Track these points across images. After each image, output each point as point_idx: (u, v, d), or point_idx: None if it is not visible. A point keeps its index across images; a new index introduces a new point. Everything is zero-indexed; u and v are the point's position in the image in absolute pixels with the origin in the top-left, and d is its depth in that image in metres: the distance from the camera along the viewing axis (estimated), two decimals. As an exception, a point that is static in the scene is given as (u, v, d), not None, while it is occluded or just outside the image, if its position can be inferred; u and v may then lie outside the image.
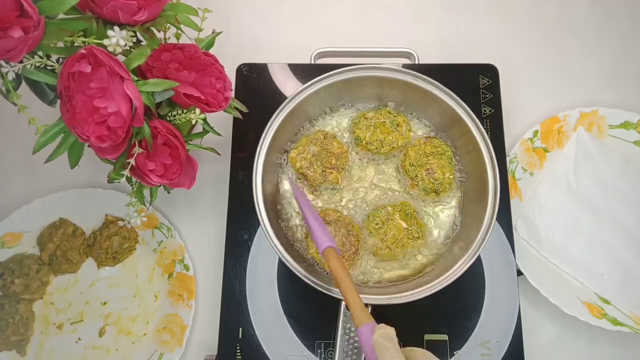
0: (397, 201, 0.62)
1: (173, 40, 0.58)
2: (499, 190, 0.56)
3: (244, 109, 0.62)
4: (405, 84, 0.61)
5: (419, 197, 0.63)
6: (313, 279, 0.54)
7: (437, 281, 0.53)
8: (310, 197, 0.63)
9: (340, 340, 0.53)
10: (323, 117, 0.67)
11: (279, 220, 0.62)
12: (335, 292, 0.53)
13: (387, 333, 0.41)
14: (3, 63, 0.44)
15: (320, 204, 0.63)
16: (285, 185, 0.64)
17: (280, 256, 0.54)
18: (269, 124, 0.59)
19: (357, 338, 0.53)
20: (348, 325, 0.53)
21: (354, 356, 0.52)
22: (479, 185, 0.59)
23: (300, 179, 0.63)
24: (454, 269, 0.54)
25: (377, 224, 0.60)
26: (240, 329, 0.61)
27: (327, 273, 0.59)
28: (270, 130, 0.59)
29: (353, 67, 0.61)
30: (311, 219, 0.53)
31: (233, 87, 0.65)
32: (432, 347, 0.60)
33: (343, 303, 0.53)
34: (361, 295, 0.53)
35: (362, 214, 0.63)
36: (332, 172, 0.61)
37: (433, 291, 0.53)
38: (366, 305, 0.53)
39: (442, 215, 0.63)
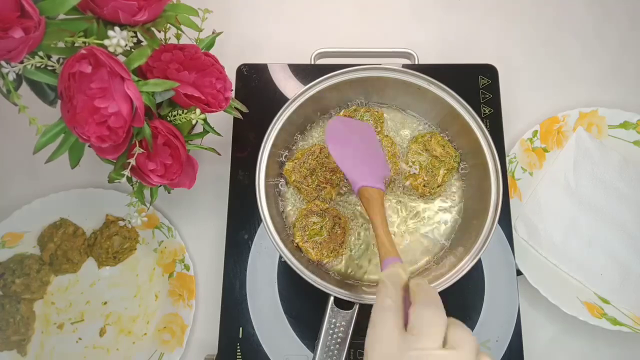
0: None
1: (173, 40, 0.58)
2: (501, 192, 0.56)
3: (244, 109, 0.62)
4: (405, 84, 0.61)
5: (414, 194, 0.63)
6: (314, 277, 0.54)
7: (437, 283, 0.53)
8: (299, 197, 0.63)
9: (324, 335, 0.52)
10: (324, 118, 0.67)
11: (280, 218, 0.62)
12: (335, 292, 0.53)
13: (393, 272, 0.41)
14: (4, 63, 0.45)
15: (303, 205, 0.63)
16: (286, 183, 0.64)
17: (281, 253, 0.54)
18: (272, 124, 0.59)
19: (340, 334, 0.53)
20: (333, 320, 0.53)
21: (336, 351, 0.52)
22: (480, 186, 0.59)
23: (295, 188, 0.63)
24: (454, 271, 0.53)
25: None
26: (241, 328, 0.61)
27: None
28: (273, 129, 0.59)
29: (355, 68, 0.61)
30: (340, 158, 0.51)
31: (233, 87, 0.65)
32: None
33: (332, 297, 0.53)
34: (361, 296, 0.53)
35: (350, 208, 0.63)
36: (326, 187, 0.61)
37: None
38: (364, 305, 0.54)
39: (442, 217, 0.63)
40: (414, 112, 0.66)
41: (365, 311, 0.53)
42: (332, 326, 0.53)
